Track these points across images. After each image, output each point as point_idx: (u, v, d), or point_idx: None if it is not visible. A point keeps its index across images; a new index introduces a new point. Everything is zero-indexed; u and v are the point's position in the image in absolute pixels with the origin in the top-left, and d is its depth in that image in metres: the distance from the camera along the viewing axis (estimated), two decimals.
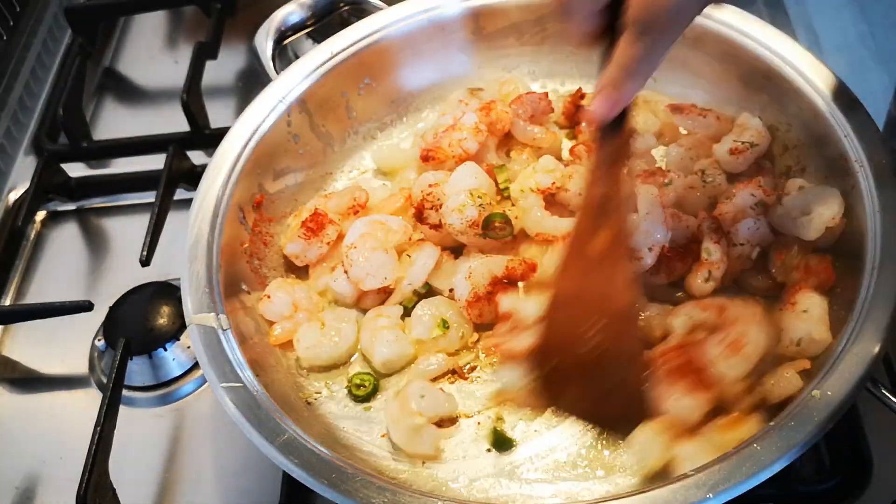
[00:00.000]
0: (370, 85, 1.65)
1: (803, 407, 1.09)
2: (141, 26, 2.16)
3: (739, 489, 1.03)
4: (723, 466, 1.05)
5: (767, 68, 1.46)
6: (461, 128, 1.52)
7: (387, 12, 1.64)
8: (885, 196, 1.26)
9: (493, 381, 1.33)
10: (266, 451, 1.13)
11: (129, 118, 1.97)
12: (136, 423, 1.43)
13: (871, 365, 1.10)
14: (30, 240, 1.74)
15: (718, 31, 1.51)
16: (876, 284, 1.18)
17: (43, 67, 2.07)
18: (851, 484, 1.24)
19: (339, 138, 1.65)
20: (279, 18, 1.69)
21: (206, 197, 1.41)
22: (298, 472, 1.11)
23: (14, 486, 1.39)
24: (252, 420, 1.16)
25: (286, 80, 1.56)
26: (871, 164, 1.29)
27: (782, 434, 1.06)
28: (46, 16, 2.13)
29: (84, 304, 1.48)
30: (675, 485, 1.05)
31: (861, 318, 1.15)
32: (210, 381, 1.21)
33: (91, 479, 1.23)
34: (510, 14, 1.65)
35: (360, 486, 1.08)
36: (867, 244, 1.23)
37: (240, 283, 1.40)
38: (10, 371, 1.55)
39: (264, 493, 1.32)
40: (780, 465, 1.04)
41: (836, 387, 1.09)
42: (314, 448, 1.14)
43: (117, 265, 1.67)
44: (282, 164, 1.55)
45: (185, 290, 1.30)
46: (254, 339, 1.34)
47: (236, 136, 1.48)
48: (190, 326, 1.27)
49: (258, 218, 1.49)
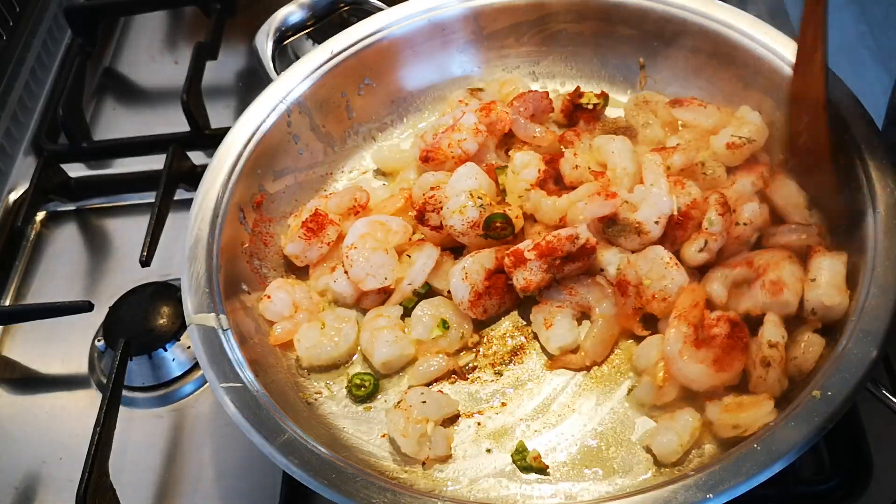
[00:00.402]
0: (370, 85, 1.65)
1: (803, 407, 1.09)
2: (141, 26, 2.16)
3: (739, 489, 1.03)
4: (723, 467, 1.05)
5: (766, 68, 1.46)
6: (461, 128, 1.52)
7: (387, 13, 1.64)
8: (883, 194, 1.26)
9: (492, 381, 1.34)
10: (266, 451, 1.13)
11: (129, 118, 1.97)
12: (136, 423, 1.43)
13: (872, 366, 1.10)
14: (30, 240, 1.74)
15: (718, 31, 1.51)
16: (875, 285, 1.18)
17: (43, 67, 2.07)
18: (851, 484, 1.24)
19: (340, 138, 1.65)
20: (279, 18, 1.69)
21: (206, 197, 1.41)
22: (298, 472, 1.11)
23: (14, 486, 1.39)
24: (252, 420, 1.16)
25: (286, 80, 1.56)
26: (869, 159, 1.29)
27: (782, 434, 1.06)
28: (46, 16, 2.13)
29: (84, 304, 1.48)
30: (676, 485, 1.05)
31: (861, 319, 1.15)
32: (210, 382, 1.21)
33: (91, 480, 1.23)
34: (510, 14, 1.65)
35: (361, 487, 1.09)
36: (867, 244, 1.23)
37: (240, 283, 1.40)
38: (10, 371, 1.55)
39: (264, 493, 1.32)
40: (780, 465, 1.04)
41: (837, 387, 1.09)
42: (314, 448, 1.14)
43: (117, 265, 1.67)
44: (282, 165, 1.55)
45: (185, 291, 1.30)
46: (254, 339, 1.34)
47: (236, 137, 1.48)
48: (190, 326, 1.27)
49: (258, 218, 1.49)
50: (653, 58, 1.62)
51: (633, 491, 1.08)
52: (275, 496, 1.29)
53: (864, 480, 1.24)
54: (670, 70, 1.61)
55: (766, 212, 1.36)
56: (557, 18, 1.65)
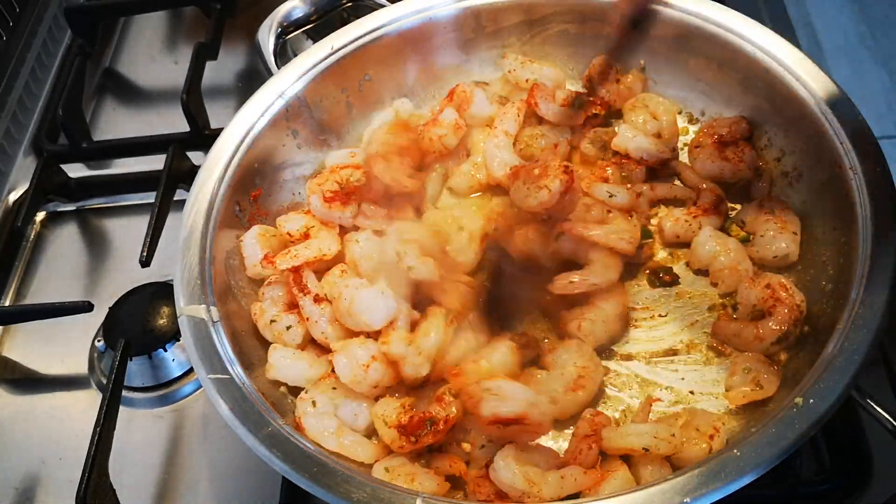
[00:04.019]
0: (370, 81, 1.65)
1: (785, 414, 1.08)
2: (141, 26, 2.16)
3: (718, 494, 1.03)
4: (702, 471, 1.04)
5: (766, 73, 1.46)
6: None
7: (388, 10, 1.64)
8: (878, 204, 1.25)
9: None
10: (249, 443, 1.14)
11: (129, 118, 1.97)
12: (136, 423, 1.43)
13: (856, 374, 1.09)
14: (30, 240, 1.73)
15: (718, 35, 1.51)
16: (864, 295, 1.17)
17: (43, 68, 2.06)
18: (851, 484, 1.24)
19: (338, 134, 1.65)
20: (282, 14, 1.70)
21: (202, 190, 1.41)
22: (280, 464, 1.11)
23: (13, 486, 1.39)
24: (236, 412, 1.16)
25: (287, 75, 1.56)
26: (865, 171, 1.28)
27: (763, 441, 1.06)
28: (46, 16, 2.12)
29: (84, 304, 1.48)
30: (653, 488, 1.04)
31: (848, 328, 1.15)
32: (197, 373, 1.22)
33: (91, 480, 1.23)
34: (511, 13, 1.65)
35: (341, 481, 1.09)
36: (858, 254, 1.22)
37: (235, 276, 1.40)
38: (10, 371, 1.55)
39: (264, 493, 1.32)
40: (760, 471, 1.04)
41: (820, 395, 1.08)
42: (297, 442, 1.14)
43: (117, 265, 1.67)
44: (280, 159, 1.55)
45: (177, 282, 1.31)
46: (244, 332, 1.34)
47: (234, 130, 1.48)
48: (181, 318, 1.27)
49: (255, 212, 1.49)
50: (653, 60, 1.62)
51: (612, 494, 1.08)
52: (275, 496, 1.29)
53: (864, 480, 1.24)
54: (671, 73, 1.61)
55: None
56: (559, 18, 1.65)
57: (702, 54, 1.55)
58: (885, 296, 1.16)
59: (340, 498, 1.07)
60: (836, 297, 1.24)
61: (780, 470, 1.05)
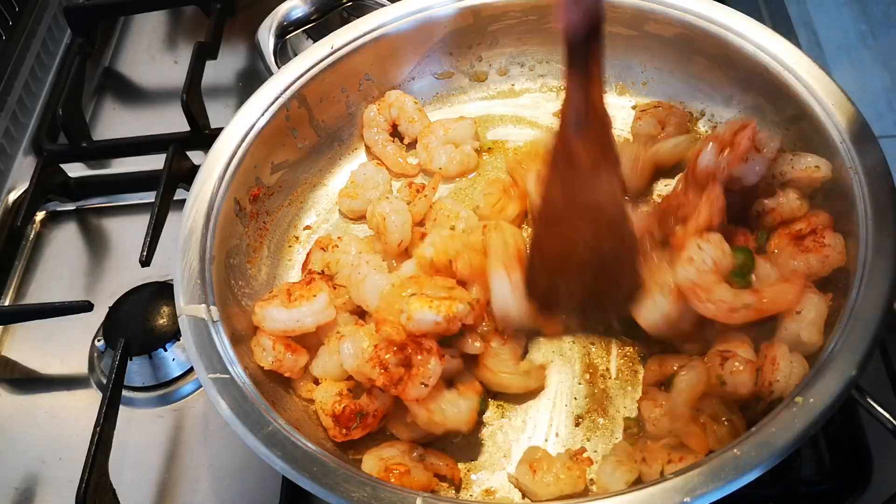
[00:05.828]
0: (370, 81, 1.65)
1: (785, 413, 1.07)
2: (141, 26, 2.16)
3: (718, 494, 1.02)
4: (702, 471, 1.04)
5: (766, 73, 1.46)
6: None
7: (388, 9, 1.64)
8: (878, 204, 1.25)
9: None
10: (249, 443, 1.13)
11: (128, 118, 1.97)
12: (136, 423, 1.43)
13: (857, 373, 1.09)
14: (29, 240, 1.73)
15: (718, 34, 1.51)
16: (865, 292, 1.17)
17: (42, 67, 2.06)
18: (851, 483, 1.24)
19: (339, 133, 1.65)
20: (282, 13, 1.70)
21: (202, 189, 1.41)
22: (280, 464, 1.11)
23: (13, 486, 1.39)
24: (237, 411, 1.16)
25: (286, 74, 1.56)
26: (865, 170, 1.28)
27: (762, 440, 1.05)
28: (46, 16, 2.12)
29: (84, 304, 1.48)
30: (653, 488, 1.04)
31: (849, 326, 1.14)
32: (197, 372, 1.21)
33: (91, 480, 1.23)
34: (511, 13, 1.65)
35: (342, 480, 1.08)
36: (859, 252, 1.22)
37: (235, 275, 1.41)
38: (10, 371, 1.55)
39: (264, 493, 1.32)
40: (759, 471, 1.03)
41: (820, 394, 1.08)
42: (298, 441, 1.14)
43: (117, 265, 1.67)
44: (280, 158, 1.55)
45: (177, 281, 1.30)
46: (245, 331, 1.34)
47: (234, 129, 1.48)
48: (181, 317, 1.27)
49: (255, 211, 1.49)
50: (653, 60, 1.62)
51: (611, 494, 1.08)
52: (275, 496, 1.29)
53: (864, 480, 1.24)
54: (670, 74, 1.61)
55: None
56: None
57: (702, 54, 1.55)
58: (885, 295, 1.15)
59: (341, 498, 1.07)
60: (836, 296, 1.24)
61: (780, 469, 1.05)
